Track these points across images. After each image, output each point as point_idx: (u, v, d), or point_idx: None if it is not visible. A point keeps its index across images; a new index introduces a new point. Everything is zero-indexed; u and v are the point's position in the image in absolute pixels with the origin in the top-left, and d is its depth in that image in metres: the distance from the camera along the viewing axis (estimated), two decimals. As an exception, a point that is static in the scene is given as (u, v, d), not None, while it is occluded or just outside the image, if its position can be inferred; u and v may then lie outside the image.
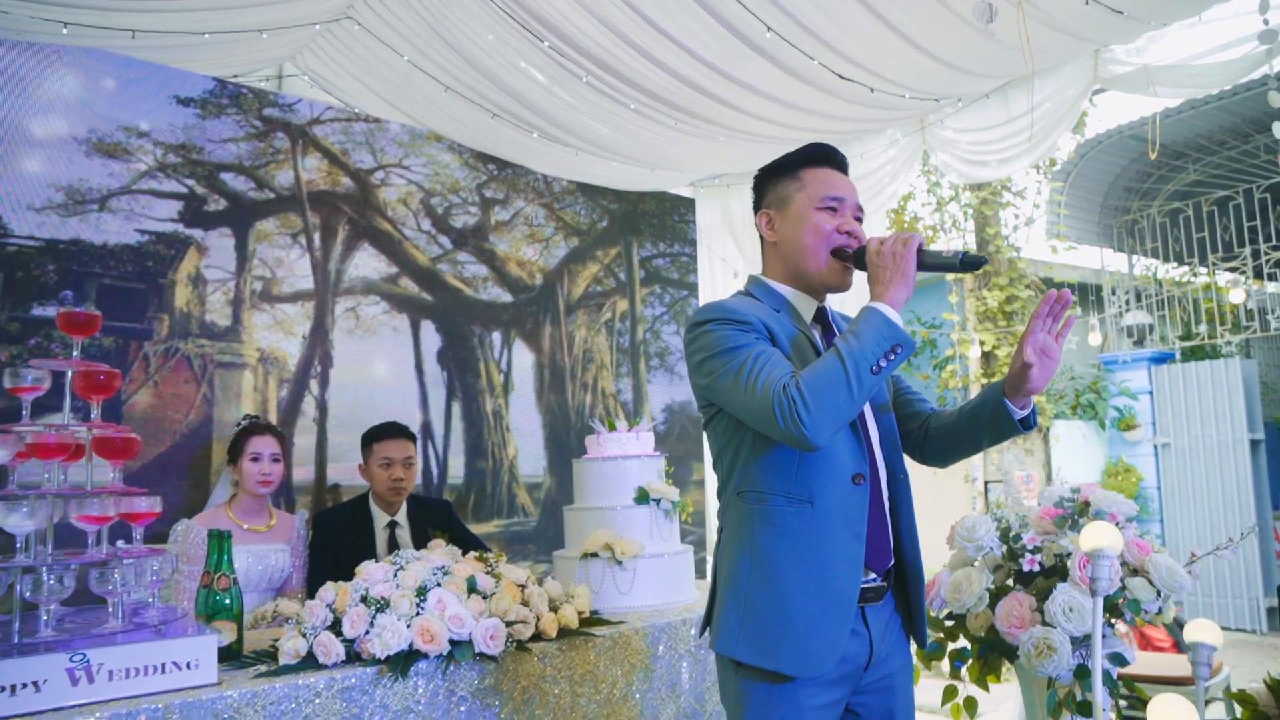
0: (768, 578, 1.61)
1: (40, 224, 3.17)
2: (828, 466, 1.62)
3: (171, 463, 3.34)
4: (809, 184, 1.73)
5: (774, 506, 1.64)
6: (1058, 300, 1.62)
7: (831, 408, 1.48)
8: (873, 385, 1.51)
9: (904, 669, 1.75)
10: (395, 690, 2.09)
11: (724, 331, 1.63)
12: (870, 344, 1.50)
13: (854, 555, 1.62)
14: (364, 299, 4.04)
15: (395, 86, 3.88)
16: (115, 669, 1.81)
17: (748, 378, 1.55)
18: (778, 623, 1.59)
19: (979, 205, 8.71)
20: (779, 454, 1.63)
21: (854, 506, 1.63)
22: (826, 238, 1.69)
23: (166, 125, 3.49)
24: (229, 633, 2.16)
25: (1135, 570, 2.24)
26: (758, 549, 1.64)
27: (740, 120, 3.64)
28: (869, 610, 1.66)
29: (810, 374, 1.51)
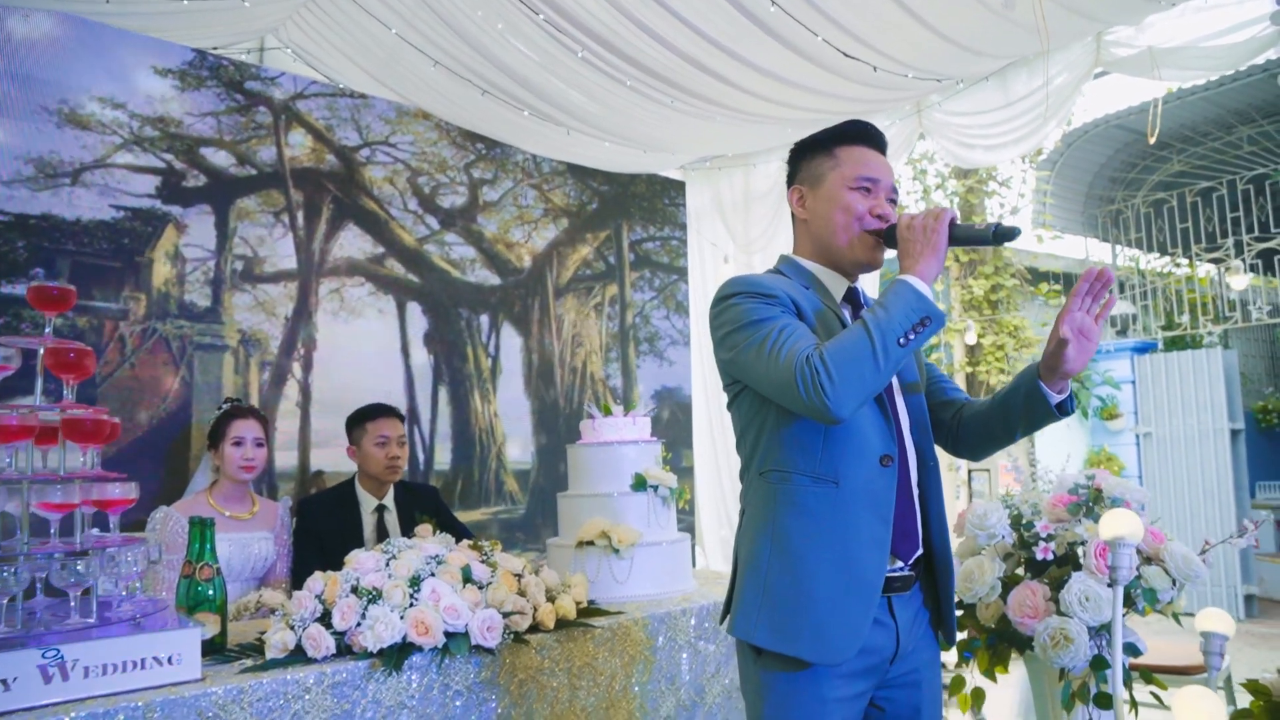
0: (788, 560, 1.56)
1: (9, 198, 3.03)
2: (854, 446, 1.57)
3: (149, 448, 3.22)
4: (844, 162, 1.68)
5: (797, 486, 1.58)
6: (1098, 278, 1.56)
7: (856, 379, 1.43)
8: (900, 357, 1.45)
9: (931, 663, 1.69)
10: (388, 685, 2.00)
11: (749, 304, 1.58)
12: (898, 315, 1.45)
13: (880, 538, 1.56)
14: (349, 280, 3.92)
15: (382, 61, 3.75)
16: (91, 665, 1.71)
17: (771, 349, 1.50)
18: (798, 607, 1.54)
19: (965, 194, 8.69)
20: (803, 432, 1.58)
21: (881, 489, 1.57)
22: (858, 218, 1.64)
23: (143, 97, 3.35)
24: (212, 625, 2.06)
25: (1149, 559, 2.19)
26: (779, 530, 1.59)
27: (739, 99, 3.55)
28: (896, 601, 1.61)
29: (835, 344, 1.47)
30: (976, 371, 8.56)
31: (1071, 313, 1.57)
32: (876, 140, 1.73)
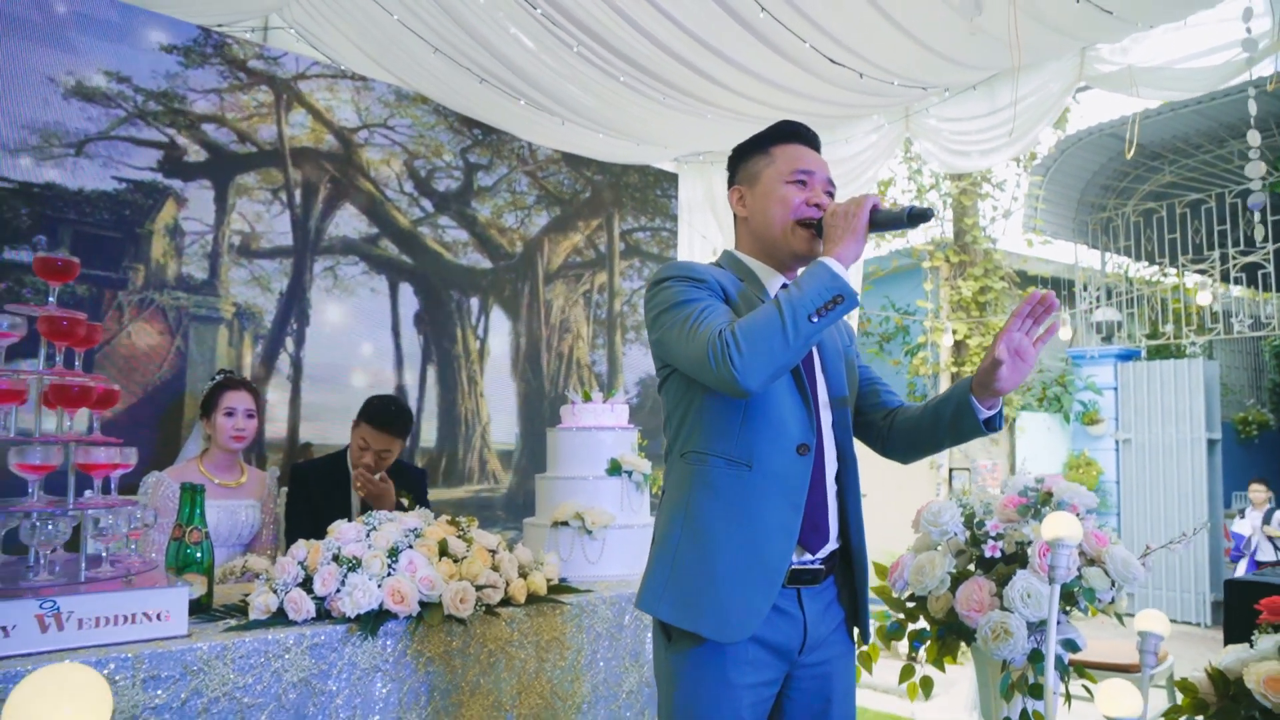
0: (698, 539, 1.61)
1: (13, 166, 3.12)
2: (771, 431, 1.62)
3: (142, 415, 3.32)
4: (778, 159, 1.74)
5: (712, 468, 1.63)
6: (1041, 302, 1.57)
7: (765, 351, 1.46)
8: (811, 333, 1.48)
9: (843, 657, 1.74)
10: (364, 649, 2.11)
11: (679, 287, 1.64)
12: (811, 293, 1.48)
13: (788, 525, 1.60)
14: (343, 258, 4.01)
15: (383, 45, 3.83)
16: (85, 617, 1.82)
17: (691, 325, 1.55)
18: (702, 585, 1.59)
19: (958, 195, 8.78)
20: (723, 415, 1.63)
21: (795, 476, 1.61)
22: (794, 209, 1.69)
23: (148, 72, 3.43)
24: (199, 586, 2.17)
25: (1092, 560, 2.31)
26: (691, 509, 1.63)
27: (728, 98, 3.64)
28: (805, 593, 1.65)
29: (747, 319, 1.51)
30: (962, 371, 8.68)
31: (1010, 333, 1.58)
32: (810, 139, 1.79)
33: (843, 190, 4.65)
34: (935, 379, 8.85)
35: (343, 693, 2.08)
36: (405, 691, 2.17)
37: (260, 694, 1.95)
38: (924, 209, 1.58)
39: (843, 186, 4.61)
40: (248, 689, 1.94)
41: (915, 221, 1.58)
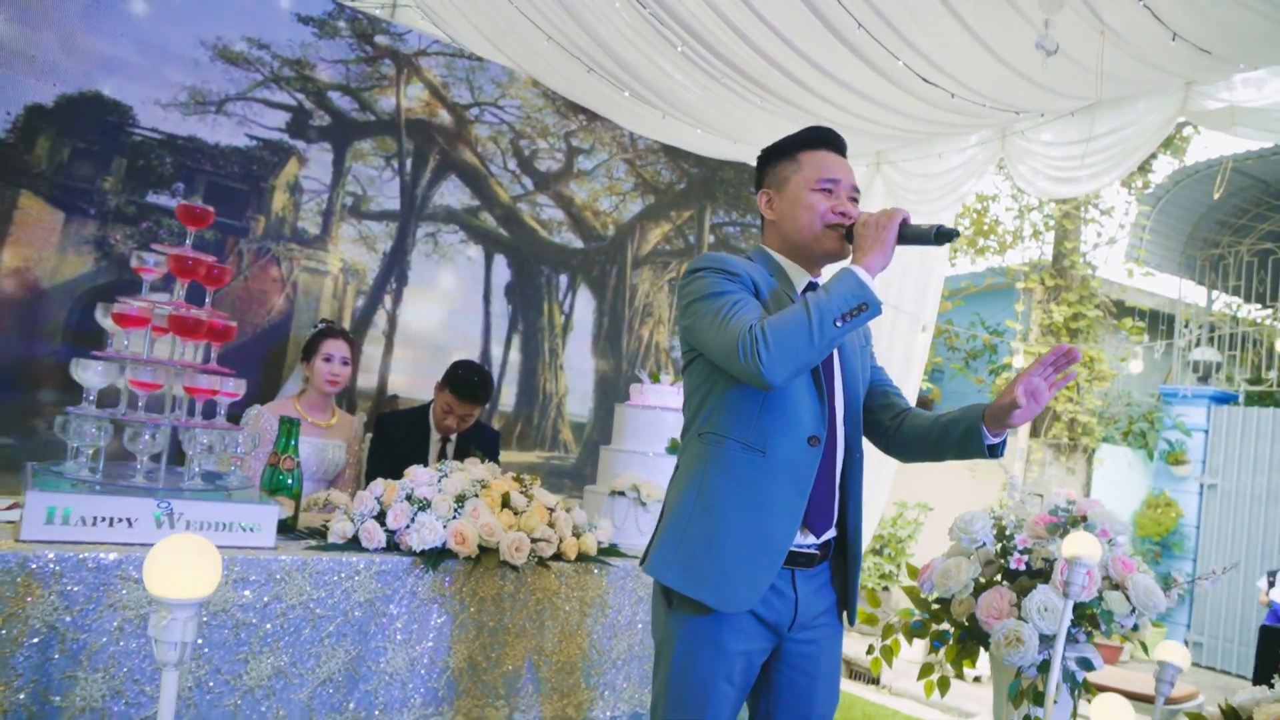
0: (709, 514, 1.72)
1: (164, 119, 3.46)
2: (786, 422, 1.71)
3: (250, 353, 3.65)
4: (805, 166, 1.80)
5: (729, 450, 1.73)
6: (1066, 355, 1.66)
7: (791, 350, 1.56)
8: (834, 336, 1.58)
9: (831, 639, 1.83)
10: (424, 581, 2.34)
11: (713, 279, 1.73)
12: (838, 298, 1.58)
13: (794, 509, 1.71)
14: (444, 226, 4.28)
15: (500, 29, 4.06)
16: (192, 520, 2.09)
17: (723, 317, 1.64)
18: (709, 557, 1.70)
19: (1060, 218, 8.60)
20: (742, 402, 1.72)
21: (804, 465, 1.72)
22: (821, 216, 1.77)
23: (285, 40, 3.74)
24: (287, 508, 2.43)
25: (1117, 585, 2.38)
26: (705, 486, 1.74)
27: (822, 108, 3.74)
28: (799, 574, 1.76)
29: (777, 318, 1.60)
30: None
31: (1031, 377, 1.67)
32: (837, 144, 1.84)
33: (931, 205, 4.70)
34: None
35: (402, 617, 2.31)
36: (457, 625, 2.40)
37: (331, 607, 2.20)
38: (951, 230, 1.68)
39: (931, 202, 4.65)
40: (320, 601, 2.19)
41: (942, 241, 1.69)
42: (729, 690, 1.72)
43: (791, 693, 1.80)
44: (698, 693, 1.71)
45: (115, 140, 3.38)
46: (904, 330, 4.98)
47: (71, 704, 1.90)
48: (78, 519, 1.98)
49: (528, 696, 2.52)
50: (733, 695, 1.73)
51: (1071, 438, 8.45)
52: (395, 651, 2.30)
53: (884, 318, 5.12)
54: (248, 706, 2.09)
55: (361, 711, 2.24)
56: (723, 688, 1.71)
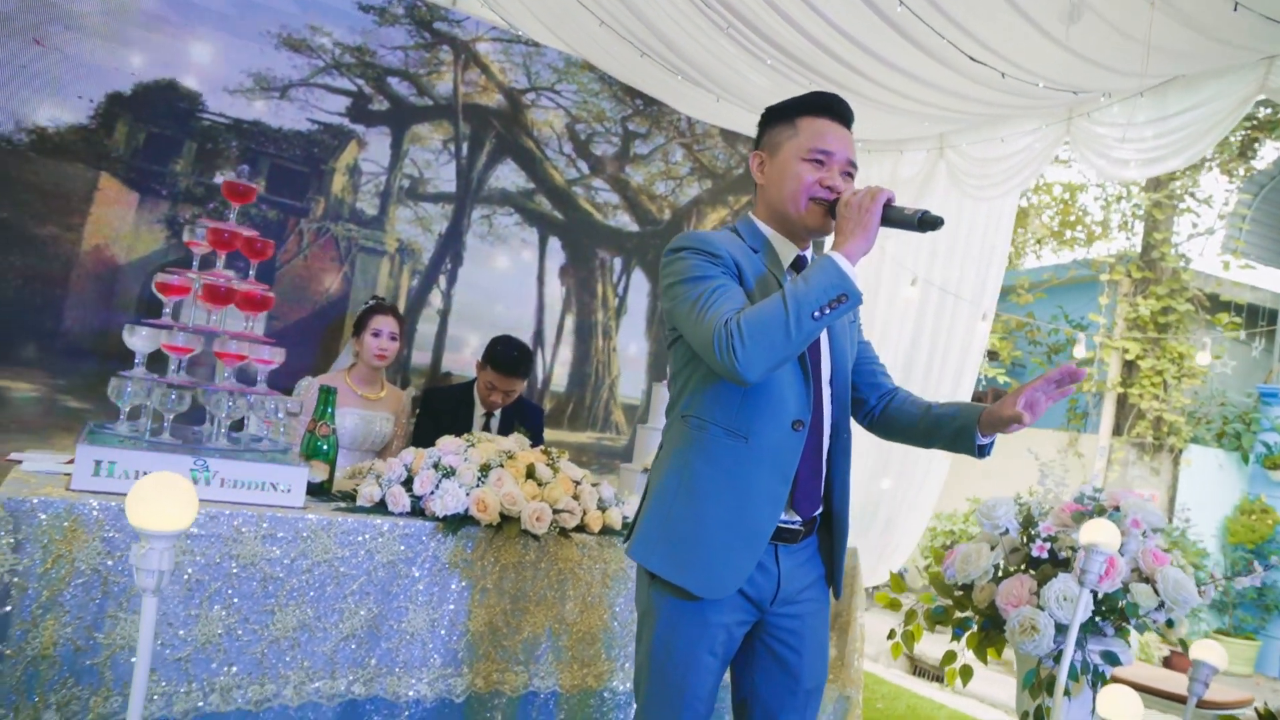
0: (692, 500, 1.71)
1: (231, 104, 3.64)
2: (770, 407, 1.68)
3: (309, 328, 3.81)
4: (801, 133, 1.72)
5: (711, 436, 1.71)
6: (1071, 376, 1.62)
7: (766, 345, 1.51)
8: (812, 329, 1.53)
9: (816, 614, 1.82)
10: (447, 545, 2.43)
11: (694, 260, 1.68)
12: (817, 289, 1.52)
13: (777, 495, 1.69)
14: (499, 209, 4.37)
15: (556, 14, 4.12)
16: (227, 478, 2.22)
17: (700, 307, 1.60)
18: (692, 543, 1.69)
19: (1150, 208, 8.22)
20: (725, 387, 1.69)
21: (788, 450, 1.69)
22: (806, 189, 1.70)
23: (347, 28, 3.88)
24: (322, 472, 2.55)
25: (1147, 578, 2.30)
26: (688, 471, 1.72)
27: (872, 90, 3.68)
28: (782, 549, 1.75)
29: (753, 311, 1.55)
30: (1129, 394, 8.17)
31: (1033, 390, 1.64)
32: (839, 112, 1.74)
33: (993, 191, 4.58)
34: (1099, 398, 8.38)
35: (424, 579, 2.40)
36: (478, 590, 2.47)
37: (354, 566, 2.30)
38: (935, 217, 1.60)
39: (993, 187, 4.54)
40: (345, 560, 2.29)
41: (925, 228, 1.61)
42: (711, 661, 1.74)
43: (777, 665, 1.81)
44: (680, 664, 1.73)
45: (186, 125, 3.57)
46: (964, 318, 4.87)
47: (113, 641, 2.05)
48: (121, 472, 2.12)
49: (547, 664, 2.59)
50: (715, 666, 1.75)
51: (1157, 437, 8.09)
52: (416, 612, 2.39)
53: (943, 306, 5.03)
54: (274, 655, 2.21)
55: (383, 667, 2.34)
56: (705, 659, 1.73)
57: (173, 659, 2.11)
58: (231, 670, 2.17)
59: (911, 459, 5.06)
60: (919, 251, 5.13)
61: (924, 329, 5.07)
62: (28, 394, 3.33)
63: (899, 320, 5.17)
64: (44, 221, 3.37)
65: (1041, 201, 10.55)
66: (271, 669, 2.21)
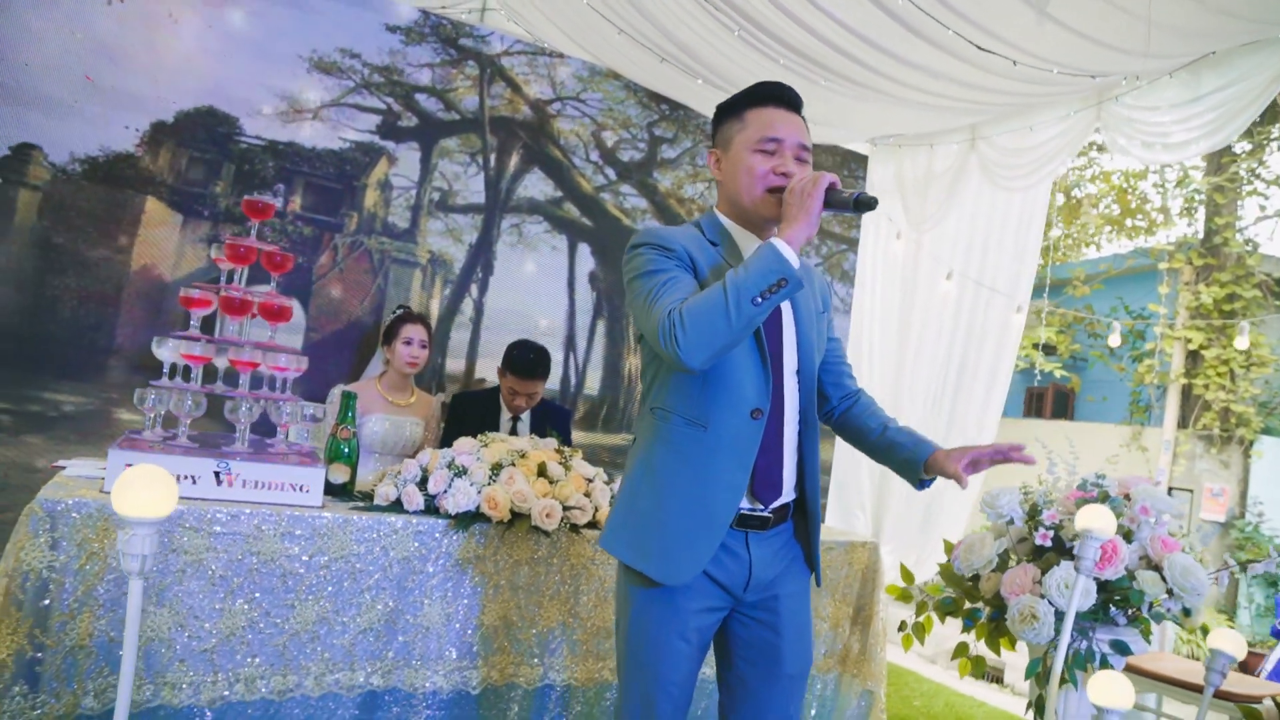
0: (655, 489, 1.76)
1: (266, 127, 3.82)
2: (728, 397, 1.72)
3: (346, 339, 3.97)
4: (749, 125, 1.76)
5: (673, 426, 1.76)
6: (1020, 458, 1.72)
7: (708, 332, 1.55)
8: (754, 314, 1.55)
9: (793, 596, 1.85)
10: (460, 542, 2.52)
11: (649, 255, 1.73)
12: (756, 275, 1.55)
13: (736, 483, 1.73)
14: (528, 217, 4.48)
15: (578, 25, 4.21)
16: (248, 479, 2.34)
17: (650, 299, 1.65)
18: (653, 531, 1.75)
19: (1211, 192, 7.94)
20: (686, 379, 1.74)
21: (746, 439, 1.72)
22: (760, 179, 1.73)
23: (375, 49, 4.03)
24: (343, 474, 2.67)
25: (1155, 565, 2.27)
26: (652, 462, 1.78)
27: (891, 87, 3.68)
28: (752, 536, 1.78)
29: (695, 300, 1.59)
30: (1193, 384, 7.90)
31: (979, 454, 1.71)
32: (787, 100, 1.78)
33: (1025, 181, 4.51)
34: (1163, 391, 8.12)
35: (437, 575, 2.49)
36: (491, 585, 2.56)
37: (370, 562, 2.41)
38: (870, 198, 1.63)
39: (1025, 177, 4.47)
40: (360, 556, 2.40)
41: (860, 209, 1.63)
42: (683, 646, 1.77)
43: (758, 650, 1.84)
44: (652, 650, 1.78)
45: (224, 148, 3.76)
46: (999, 311, 4.80)
47: (144, 633, 2.18)
48: (149, 475, 2.26)
49: (561, 657, 2.66)
50: (687, 652, 1.78)
51: (1225, 429, 7.81)
52: (431, 606, 2.48)
53: (977, 298, 4.98)
54: (294, 647, 2.33)
55: (400, 660, 2.44)
56: (676, 644, 1.77)
57: (199, 650, 2.23)
58: (255, 661, 2.29)
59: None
60: (955, 245, 5.08)
61: (959, 323, 5.02)
62: (85, 407, 3.54)
63: (936, 314, 5.13)
64: (96, 245, 3.58)
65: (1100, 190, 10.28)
66: (293, 660, 2.32)
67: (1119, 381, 8.68)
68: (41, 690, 2.09)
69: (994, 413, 4.88)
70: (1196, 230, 8.40)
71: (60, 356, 3.53)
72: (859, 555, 3.10)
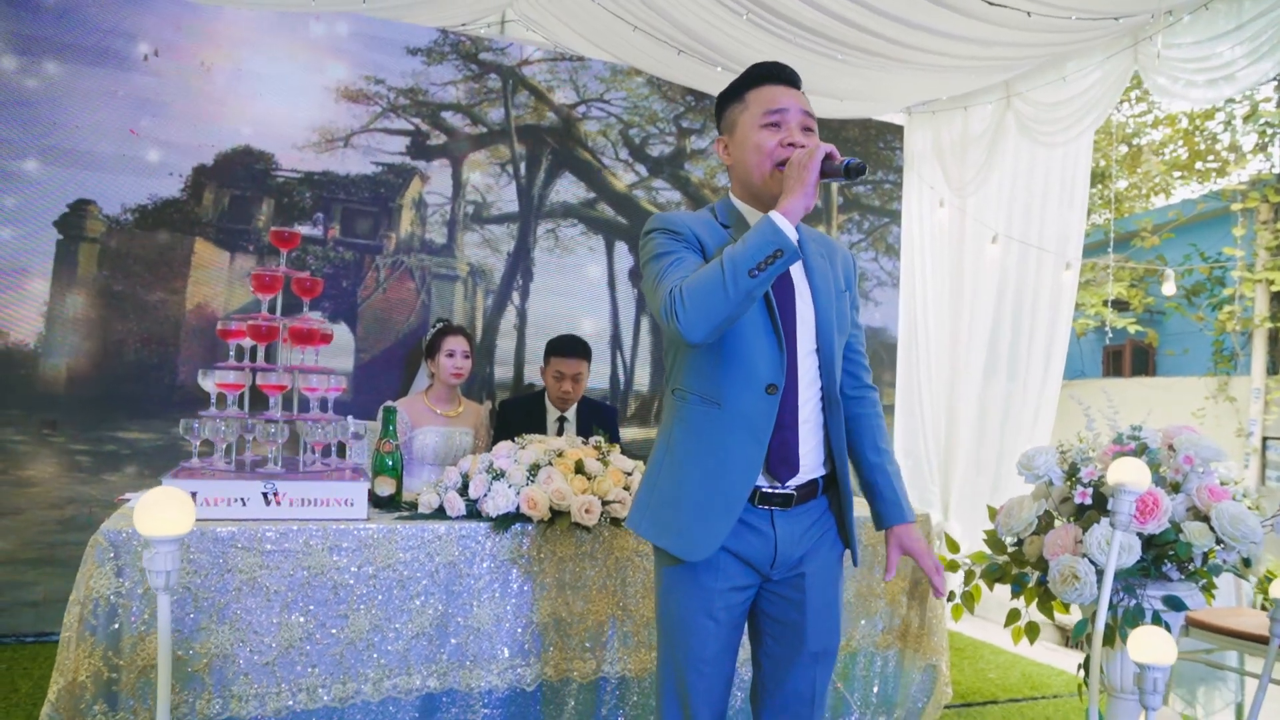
0: (675, 467, 1.79)
1: (301, 159, 3.96)
2: (742, 373, 1.74)
3: (394, 356, 4.09)
4: (751, 104, 1.79)
5: (690, 405, 1.79)
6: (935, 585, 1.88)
7: (706, 306, 1.58)
8: (751, 287, 1.57)
9: (821, 571, 1.84)
10: (503, 543, 2.58)
11: (659, 239, 1.77)
12: (752, 248, 1.57)
13: (752, 459, 1.73)
14: (563, 221, 4.54)
15: (594, 27, 4.25)
16: (295, 498, 2.44)
17: (657, 280, 1.69)
18: (673, 508, 1.78)
19: (1281, 123, 7.54)
20: (701, 357, 1.76)
21: (761, 415, 1.73)
22: (770, 154, 1.74)
23: (399, 73, 4.15)
24: (389, 486, 2.75)
25: (1204, 516, 2.19)
26: (672, 441, 1.82)
27: (908, 54, 3.60)
28: (778, 514, 1.78)
29: (695, 275, 1.62)
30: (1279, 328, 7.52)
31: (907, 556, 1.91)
32: (785, 77, 1.81)
33: (1065, 134, 4.38)
34: (1247, 337, 7.75)
35: (484, 577, 2.56)
36: (538, 583, 2.61)
37: (416, 569, 2.48)
38: (859, 164, 1.63)
39: (1062, 130, 4.34)
40: (407, 564, 2.48)
41: (852, 175, 1.63)
42: (710, 624, 1.79)
43: (781, 627, 1.85)
44: (681, 625, 1.81)
45: (263, 184, 3.91)
46: (1050, 270, 4.67)
47: (208, 650, 2.30)
48: (201, 500, 2.38)
49: (614, 650, 2.70)
50: (715, 630, 1.79)
51: (1319, 372, 7.41)
52: (481, 608, 2.55)
53: (1027, 258, 4.84)
54: (351, 655, 2.42)
55: (454, 662, 2.51)
56: (703, 621, 1.79)
57: (261, 663, 2.34)
58: (315, 671, 2.39)
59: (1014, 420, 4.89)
60: (998, 207, 4.96)
61: (1009, 286, 4.90)
62: (154, 442, 3.73)
63: (987, 280, 5.01)
64: (152, 288, 3.77)
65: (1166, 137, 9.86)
66: (351, 668, 2.42)
67: (1199, 332, 8.32)
68: (120, 708, 2.22)
69: (1055, 374, 4.75)
70: (1272, 165, 7.99)
71: (129, 397, 3.73)
72: (910, 529, 3.07)
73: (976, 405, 5.03)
